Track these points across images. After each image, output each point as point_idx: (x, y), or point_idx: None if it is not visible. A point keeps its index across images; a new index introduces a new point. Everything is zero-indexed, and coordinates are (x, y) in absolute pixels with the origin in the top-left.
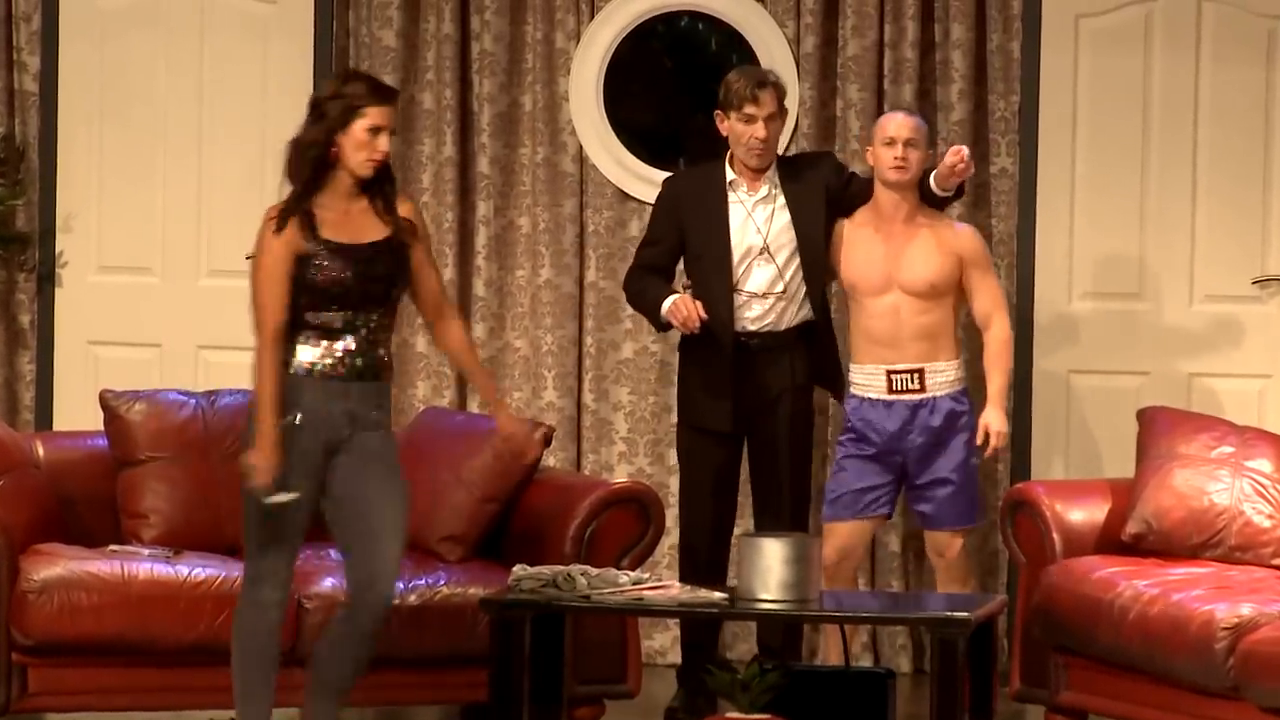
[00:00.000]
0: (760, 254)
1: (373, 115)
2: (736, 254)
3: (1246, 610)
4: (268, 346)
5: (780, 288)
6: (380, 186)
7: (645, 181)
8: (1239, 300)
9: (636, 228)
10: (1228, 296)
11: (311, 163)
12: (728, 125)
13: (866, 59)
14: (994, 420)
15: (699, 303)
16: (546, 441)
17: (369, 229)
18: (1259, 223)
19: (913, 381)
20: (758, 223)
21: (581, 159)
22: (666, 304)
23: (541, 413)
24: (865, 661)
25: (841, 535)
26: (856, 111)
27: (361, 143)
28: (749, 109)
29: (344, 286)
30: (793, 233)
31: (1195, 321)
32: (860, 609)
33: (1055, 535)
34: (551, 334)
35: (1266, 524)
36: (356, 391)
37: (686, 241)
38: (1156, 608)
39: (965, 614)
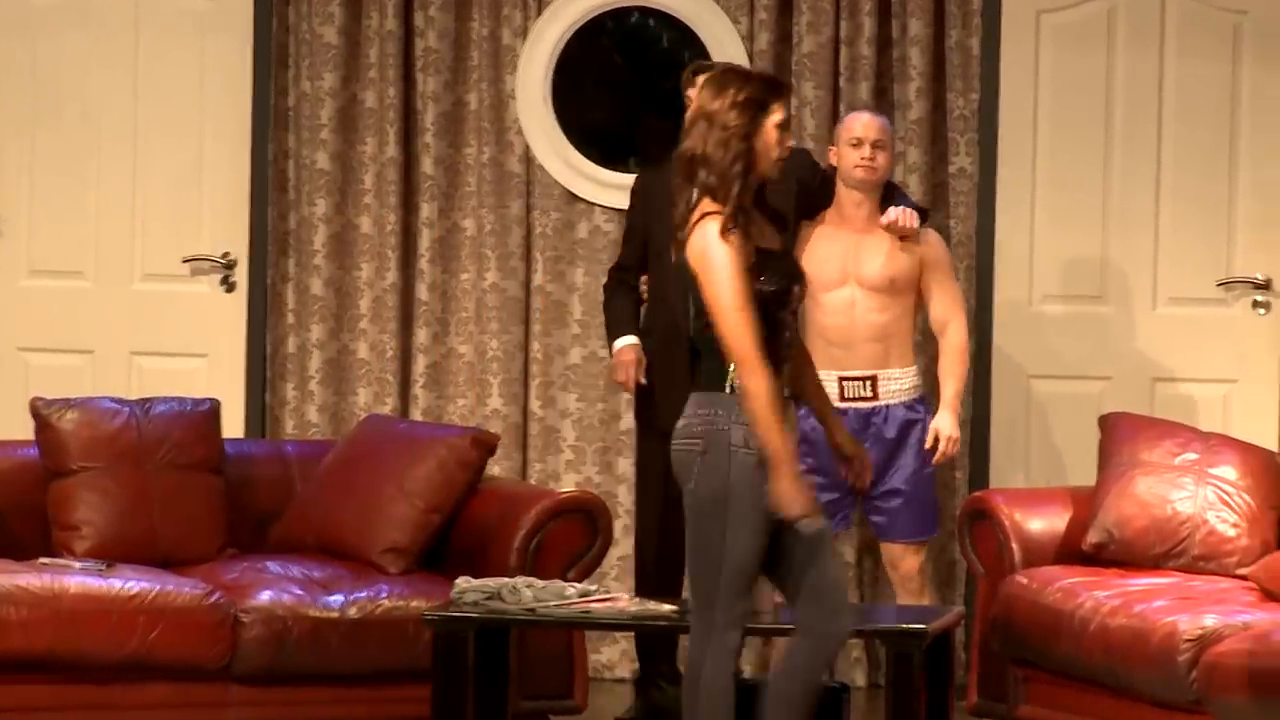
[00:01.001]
0: None
1: (778, 110)
2: None
3: (1210, 621)
4: (761, 367)
5: None
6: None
7: (594, 182)
8: (1204, 303)
9: (585, 230)
10: (1193, 299)
11: (739, 172)
12: None
13: (822, 56)
14: (945, 425)
15: (642, 365)
16: (491, 450)
17: (771, 237)
18: (1224, 222)
19: (865, 389)
20: None
21: (528, 159)
22: (615, 347)
23: (486, 420)
24: None
25: None
26: (812, 110)
27: (773, 141)
28: (689, 91)
29: (790, 297)
30: None
31: (1159, 324)
32: None
33: (1014, 545)
34: (497, 339)
35: (1231, 533)
36: (794, 415)
37: (649, 238)
38: (1118, 619)
39: (921, 626)
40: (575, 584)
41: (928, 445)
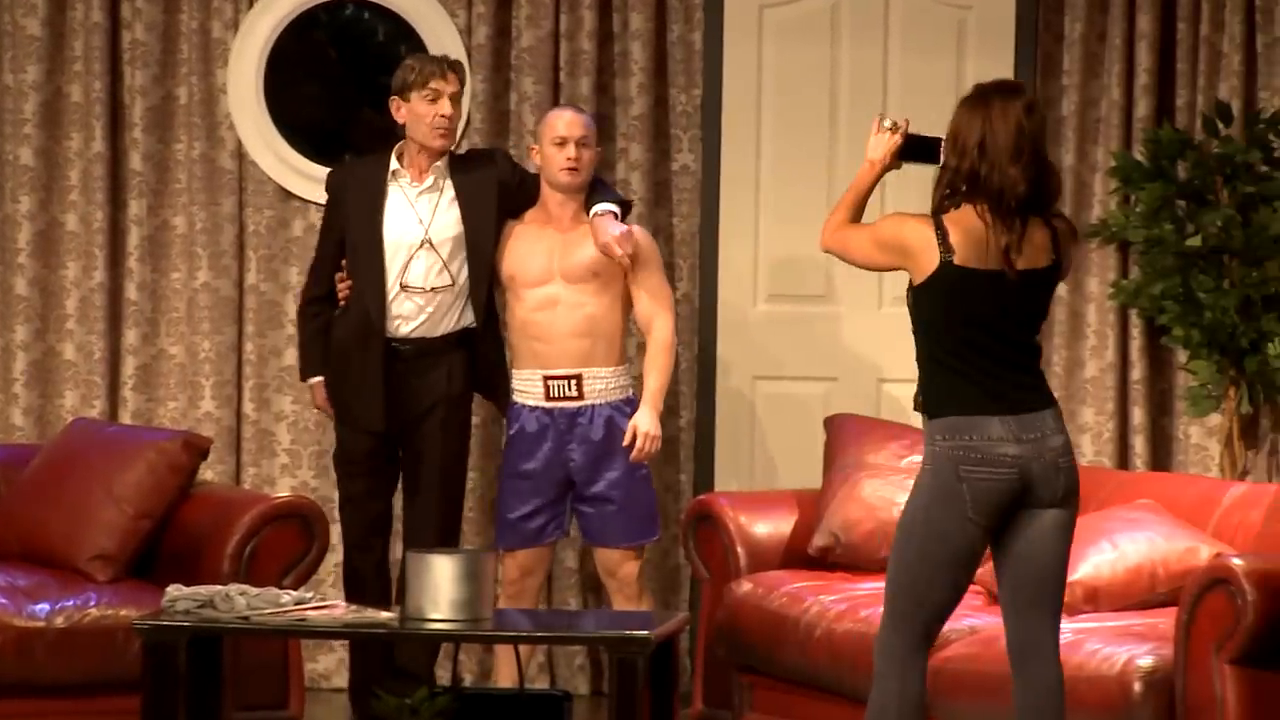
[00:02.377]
0: (421, 246)
1: None
2: (392, 246)
3: None
4: None
5: (442, 281)
6: None
7: (308, 178)
8: None
9: (299, 228)
10: None
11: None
12: (407, 109)
13: (542, 50)
14: (644, 421)
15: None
16: (203, 454)
17: None
18: None
19: (570, 388)
20: (420, 214)
21: (240, 155)
22: (310, 383)
23: (199, 424)
24: (541, 683)
25: (520, 557)
26: (531, 105)
27: None
28: (436, 84)
29: None
30: (460, 228)
31: (885, 325)
32: (535, 628)
33: (739, 549)
34: (209, 340)
35: None
36: None
37: (346, 232)
38: (844, 624)
39: (645, 633)
40: (291, 591)
41: (625, 442)
